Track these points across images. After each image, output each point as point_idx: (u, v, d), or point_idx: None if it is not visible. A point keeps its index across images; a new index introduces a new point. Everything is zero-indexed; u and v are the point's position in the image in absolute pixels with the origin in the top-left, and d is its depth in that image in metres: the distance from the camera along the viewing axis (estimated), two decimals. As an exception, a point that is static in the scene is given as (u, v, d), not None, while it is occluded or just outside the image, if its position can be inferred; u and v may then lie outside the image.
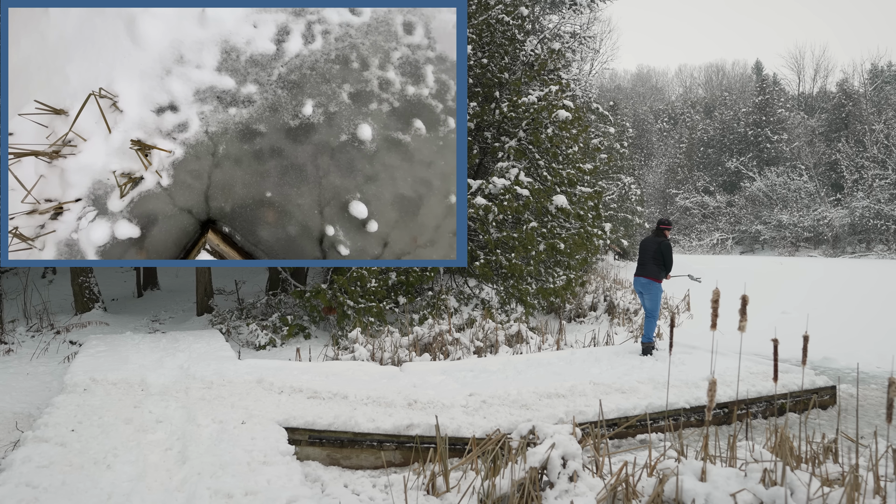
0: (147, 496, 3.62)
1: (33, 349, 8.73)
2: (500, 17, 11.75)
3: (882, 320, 11.28)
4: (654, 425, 5.53)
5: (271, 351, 9.00)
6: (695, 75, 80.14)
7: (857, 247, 38.51)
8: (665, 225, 7.75)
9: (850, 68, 79.30)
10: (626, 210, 30.24)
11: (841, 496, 3.16)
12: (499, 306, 10.74)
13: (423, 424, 4.91)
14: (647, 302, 7.61)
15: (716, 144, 51.94)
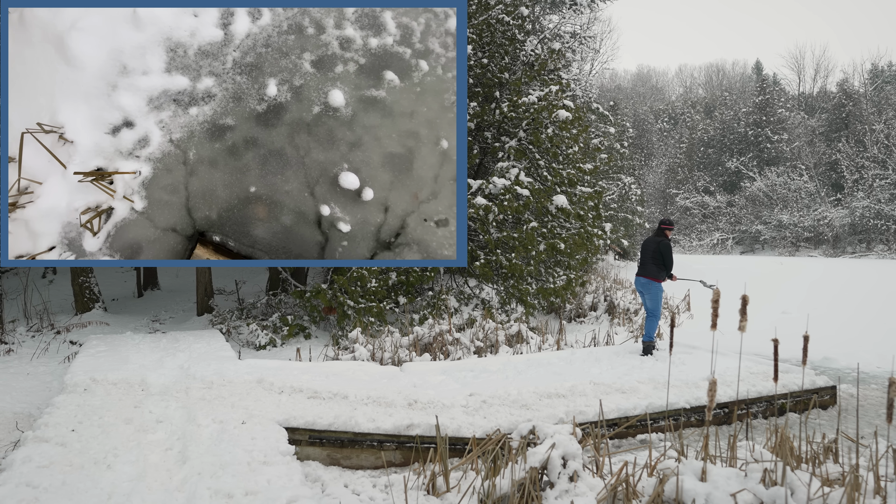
0: (147, 496, 3.62)
1: (33, 349, 8.73)
2: (501, 17, 11.75)
3: (882, 320, 11.28)
4: (654, 425, 5.53)
5: (271, 351, 9.00)
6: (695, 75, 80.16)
7: (858, 247, 38.51)
8: (666, 225, 7.76)
9: (850, 68, 79.33)
10: (626, 210, 30.25)
11: (841, 496, 3.16)
12: (499, 306, 10.74)
13: (423, 424, 4.91)
14: (648, 301, 7.62)
15: (716, 144, 51.94)
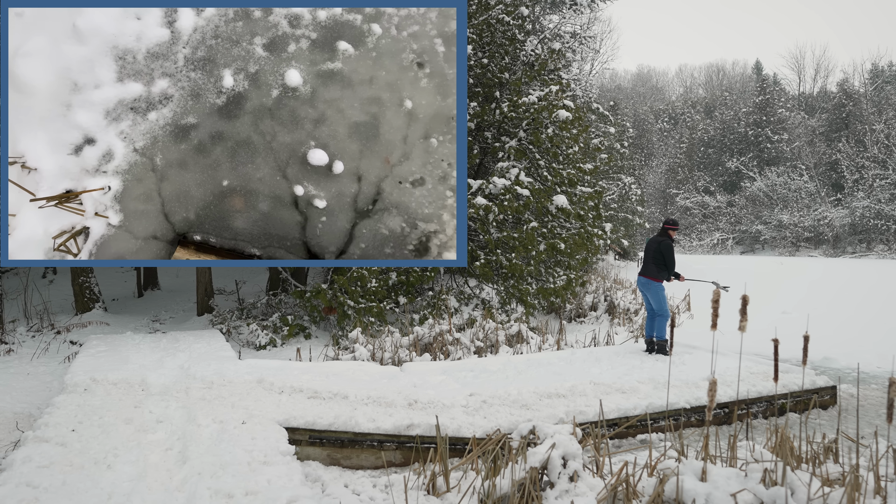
0: (147, 496, 3.62)
1: (34, 349, 8.74)
2: (501, 17, 11.75)
3: (882, 320, 11.28)
4: (654, 425, 5.53)
5: (272, 351, 9.00)
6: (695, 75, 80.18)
7: (858, 247, 38.52)
8: (669, 225, 7.71)
9: (850, 68, 79.40)
10: (626, 210, 30.26)
11: (841, 496, 3.16)
12: (499, 306, 10.74)
13: (423, 424, 4.91)
14: (651, 301, 7.60)
15: (716, 144, 51.95)
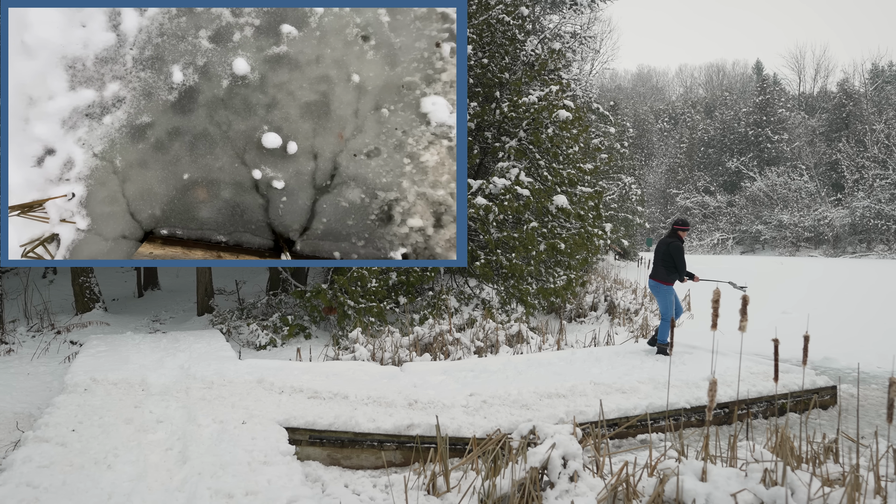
0: (147, 496, 3.62)
1: (34, 349, 8.74)
2: (501, 17, 11.75)
3: (882, 320, 11.28)
4: (654, 425, 5.53)
5: (272, 351, 9.00)
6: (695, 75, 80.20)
7: (858, 247, 38.52)
8: (679, 225, 7.54)
9: (850, 68, 79.43)
10: (626, 210, 30.27)
11: (842, 496, 3.16)
12: (499, 306, 10.74)
13: (423, 424, 4.91)
14: (661, 304, 7.50)
15: (716, 144, 51.95)
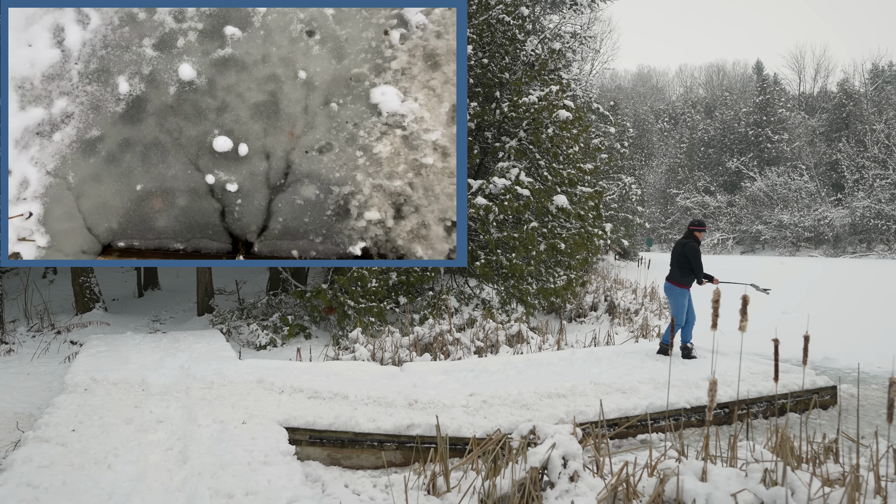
0: (148, 496, 3.62)
1: (34, 349, 8.74)
2: (501, 16, 11.75)
3: (882, 320, 11.28)
4: (654, 425, 5.53)
5: (272, 351, 9.00)
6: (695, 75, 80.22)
7: (858, 247, 38.53)
8: (695, 226, 7.37)
9: (850, 68, 79.44)
10: (626, 210, 30.27)
11: (842, 496, 3.16)
12: (499, 306, 10.74)
13: (423, 424, 4.91)
14: (673, 307, 7.30)
15: (716, 144, 51.95)
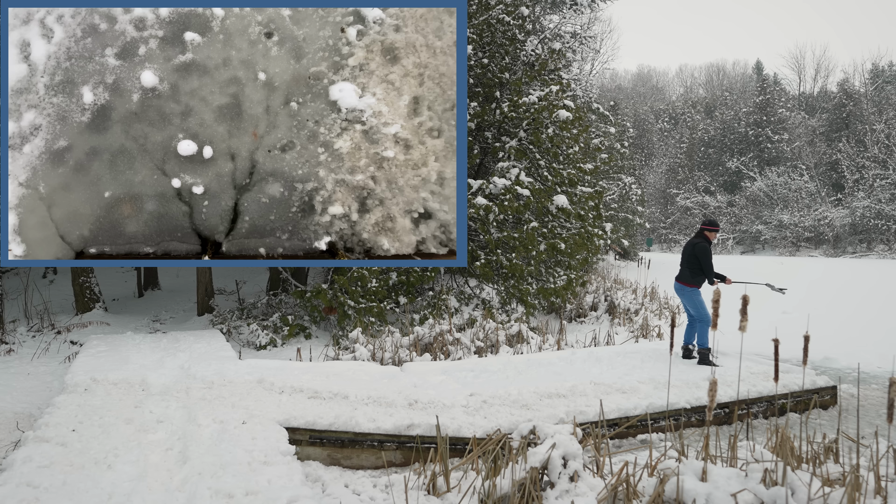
0: (148, 496, 3.62)
1: (34, 349, 8.74)
2: (501, 17, 11.75)
3: (882, 320, 11.28)
4: (654, 425, 5.53)
5: (272, 351, 9.01)
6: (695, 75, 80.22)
7: (858, 247, 38.52)
8: (707, 226, 7.24)
9: (850, 68, 79.44)
10: (626, 210, 30.28)
11: (842, 496, 3.16)
12: (499, 306, 10.74)
13: (423, 424, 4.91)
14: (688, 307, 7.22)
15: (716, 144, 51.95)
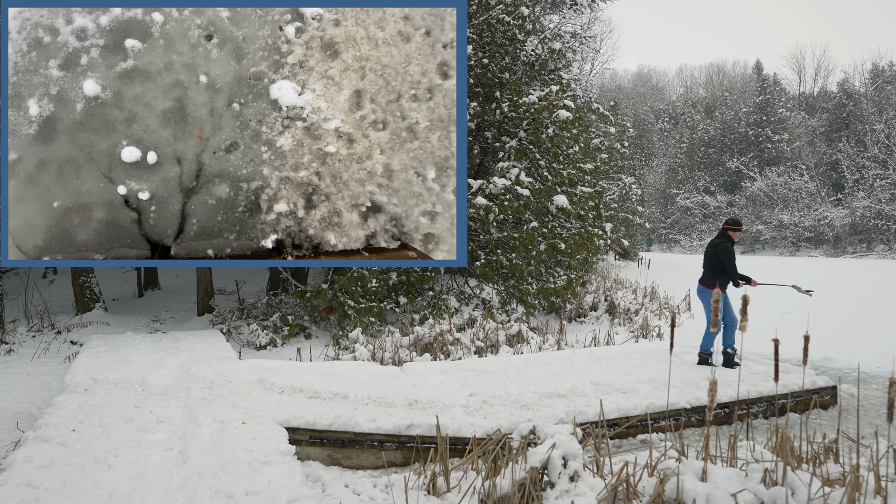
0: (148, 496, 3.62)
1: (34, 349, 8.74)
2: (501, 17, 11.75)
3: (882, 320, 11.27)
4: (654, 425, 5.53)
5: (272, 351, 9.00)
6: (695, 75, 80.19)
7: (858, 247, 38.51)
8: (729, 225, 6.95)
9: (850, 68, 79.47)
10: (626, 210, 30.28)
11: (842, 496, 3.16)
12: (499, 306, 10.74)
13: (423, 424, 4.91)
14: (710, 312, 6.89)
15: (716, 144, 51.94)
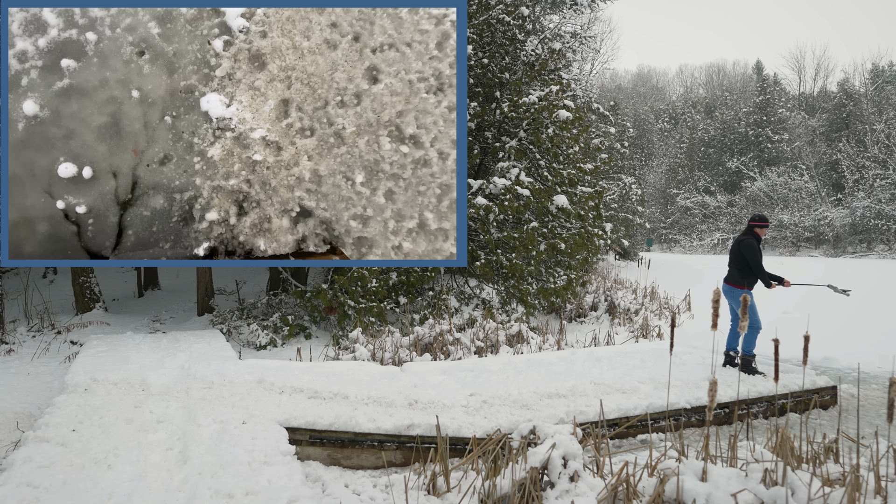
0: (148, 496, 3.62)
1: (34, 349, 8.74)
2: (501, 17, 11.75)
3: (882, 320, 11.27)
4: (654, 425, 5.53)
5: (272, 351, 9.01)
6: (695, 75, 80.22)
7: (858, 247, 38.50)
8: (756, 221, 6.66)
9: (850, 68, 79.48)
10: (626, 210, 30.28)
11: (842, 496, 3.16)
12: (499, 306, 10.74)
13: (423, 424, 4.91)
14: (738, 312, 6.62)
15: (716, 144, 51.94)
